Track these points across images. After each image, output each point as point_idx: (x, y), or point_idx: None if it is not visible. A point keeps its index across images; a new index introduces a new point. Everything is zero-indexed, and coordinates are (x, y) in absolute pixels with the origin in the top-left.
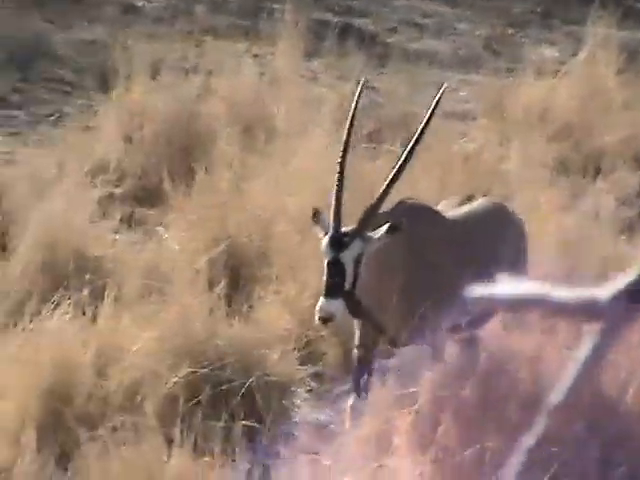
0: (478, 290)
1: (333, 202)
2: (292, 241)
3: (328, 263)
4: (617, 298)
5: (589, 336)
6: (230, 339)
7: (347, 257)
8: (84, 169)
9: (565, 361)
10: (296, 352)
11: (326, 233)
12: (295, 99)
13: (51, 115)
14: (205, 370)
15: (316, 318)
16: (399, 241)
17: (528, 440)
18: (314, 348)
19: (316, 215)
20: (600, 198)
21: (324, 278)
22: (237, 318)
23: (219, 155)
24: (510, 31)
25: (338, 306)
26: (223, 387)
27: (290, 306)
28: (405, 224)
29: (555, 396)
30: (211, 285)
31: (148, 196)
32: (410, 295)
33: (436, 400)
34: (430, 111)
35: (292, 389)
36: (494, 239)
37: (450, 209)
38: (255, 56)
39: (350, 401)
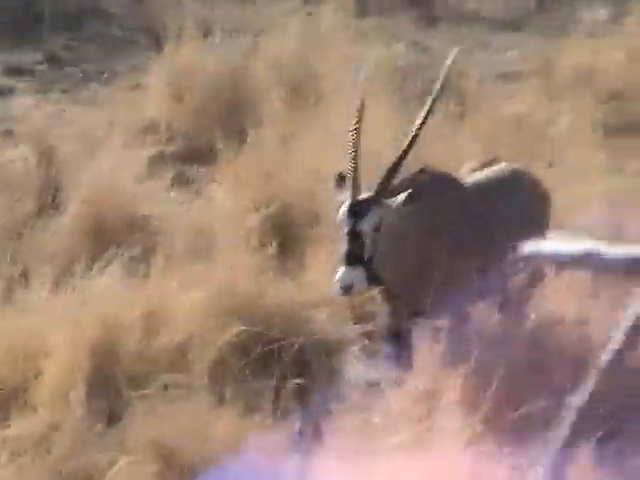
0: (531, 246)
1: (350, 169)
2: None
3: (347, 232)
4: None
5: (636, 299)
6: (280, 299)
7: (365, 225)
8: (134, 128)
9: (611, 324)
10: (348, 311)
11: (343, 202)
12: (343, 60)
13: (102, 73)
14: (255, 329)
15: (335, 288)
16: (418, 210)
17: (576, 400)
18: (365, 308)
19: (341, 180)
20: None
21: (342, 246)
22: (288, 278)
23: (268, 115)
24: None
25: (358, 275)
26: (273, 346)
27: None
28: (424, 193)
29: (603, 357)
30: (261, 245)
31: (198, 155)
32: (429, 265)
33: (486, 361)
34: (442, 75)
35: (342, 348)
36: (513, 205)
37: (470, 175)
38: (307, 14)
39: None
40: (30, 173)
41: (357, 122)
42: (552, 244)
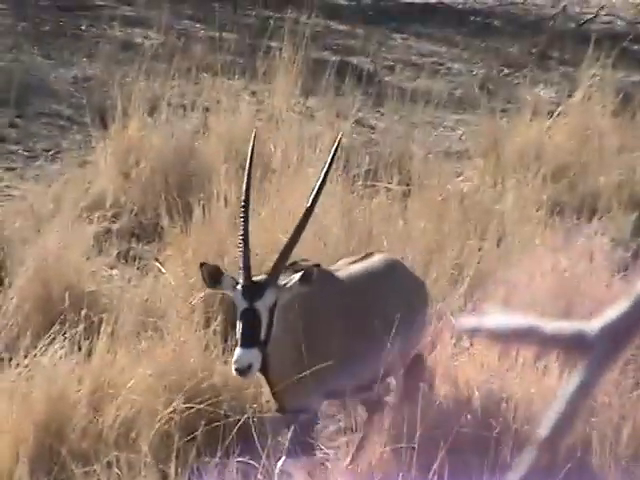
0: (470, 321)
1: (241, 251)
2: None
3: (243, 312)
4: (605, 331)
5: (576, 370)
6: (226, 375)
7: (261, 306)
8: (81, 204)
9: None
10: None
11: (236, 283)
12: (291, 137)
13: (48, 150)
14: (200, 406)
15: (233, 369)
16: (300, 299)
17: (517, 472)
18: None
19: (213, 275)
20: (594, 239)
21: (238, 328)
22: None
23: (216, 192)
24: (506, 71)
25: (255, 356)
26: (218, 423)
27: None
28: (317, 273)
29: (542, 430)
30: (207, 321)
31: (145, 232)
32: (299, 357)
33: (432, 436)
34: (328, 162)
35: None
36: (386, 298)
37: (345, 268)
38: (252, 93)
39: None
40: None
41: (245, 207)
42: (494, 319)
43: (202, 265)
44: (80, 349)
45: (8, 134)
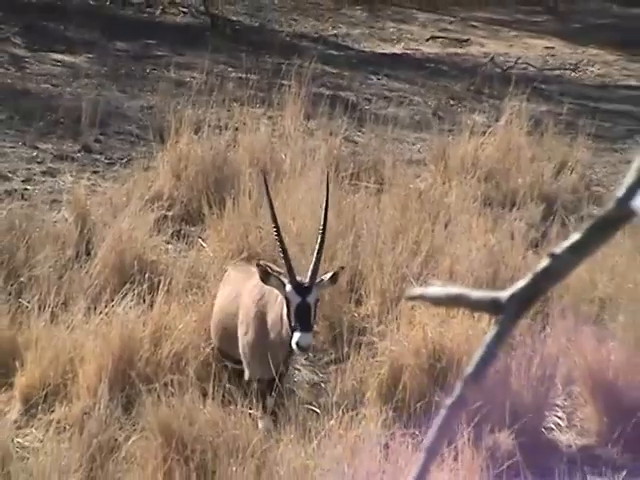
0: (417, 290)
1: (285, 259)
2: (294, 250)
3: (297, 305)
4: (513, 298)
5: (493, 325)
6: None
7: (311, 300)
8: (145, 198)
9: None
10: None
11: (283, 282)
12: (297, 149)
13: (122, 159)
14: None
15: (295, 348)
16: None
17: (449, 399)
18: None
19: (263, 274)
20: (514, 224)
21: (296, 317)
22: None
23: (242, 188)
24: (451, 102)
25: (311, 337)
26: None
27: None
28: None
29: (468, 368)
30: None
31: (191, 217)
32: None
33: (397, 367)
34: (325, 205)
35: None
36: None
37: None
38: (269, 118)
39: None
40: (70, 230)
41: (276, 227)
42: (435, 288)
43: (258, 265)
44: (145, 302)
45: (94, 147)
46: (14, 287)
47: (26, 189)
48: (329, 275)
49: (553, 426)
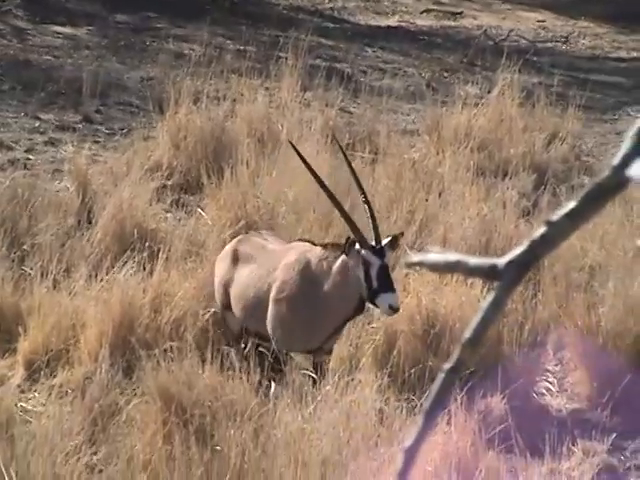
0: (416, 256)
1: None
2: (290, 218)
3: (379, 267)
4: (510, 264)
5: (491, 292)
6: None
7: (387, 261)
8: (145, 167)
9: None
10: None
11: (363, 247)
12: (294, 120)
13: (123, 129)
14: None
15: (388, 310)
16: None
17: (448, 364)
18: None
19: (352, 245)
20: (506, 193)
21: (379, 279)
22: None
23: (240, 158)
24: (445, 74)
25: (399, 297)
26: None
27: None
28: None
29: (466, 333)
30: None
31: (190, 186)
32: None
33: (392, 332)
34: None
35: None
36: None
37: None
38: (266, 89)
39: None
40: (71, 199)
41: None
42: (433, 255)
43: (348, 239)
44: (145, 269)
45: (94, 117)
46: (17, 255)
47: (28, 159)
48: (388, 240)
49: (544, 391)
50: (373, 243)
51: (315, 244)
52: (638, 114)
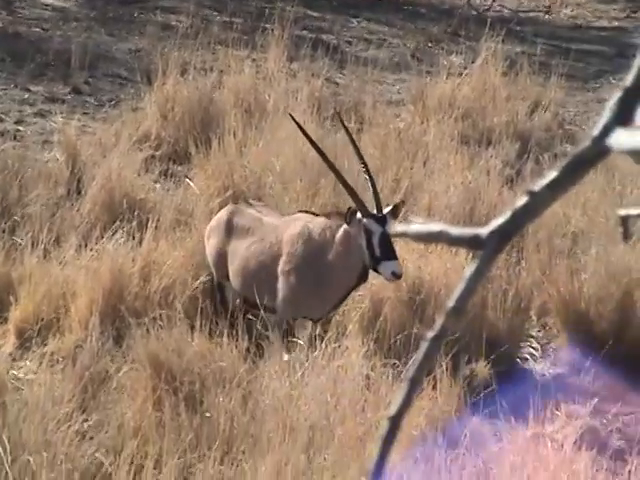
0: (399, 227)
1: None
2: (277, 188)
3: (381, 235)
4: (493, 234)
5: (473, 260)
6: None
7: (388, 229)
8: (133, 138)
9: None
10: None
11: (364, 215)
12: (280, 90)
13: (111, 100)
14: None
15: (390, 276)
16: None
17: (431, 332)
18: None
19: (353, 214)
20: (490, 161)
21: (381, 247)
22: None
23: (227, 128)
24: (429, 45)
25: (401, 265)
26: None
27: None
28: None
29: (449, 302)
30: None
31: (178, 157)
32: None
33: (377, 300)
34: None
35: None
36: None
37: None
38: (253, 60)
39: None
40: (61, 169)
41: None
42: (416, 225)
43: (349, 209)
44: (134, 238)
45: (83, 88)
46: (8, 225)
47: (18, 130)
48: (389, 208)
49: (528, 356)
50: (375, 211)
51: (317, 215)
52: (620, 82)
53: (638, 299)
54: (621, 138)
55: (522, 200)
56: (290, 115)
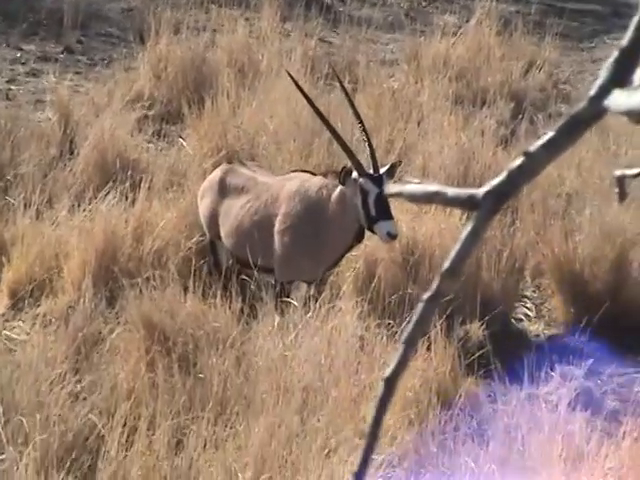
0: (395, 187)
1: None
2: (271, 149)
3: (377, 195)
4: (489, 194)
5: (469, 221)
6: None
7: (384, 190)
8: (126, 98)
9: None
10: None
11: (361, 175)
12: (273, 50)
13: (104, 59)
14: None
15: (386, 236)
16: None
17: (427, 294)
18: None
19: (348, 174)
20: (485, 121)
21: (376, 207)
22: None
23: (221, 89)
24: (423, 4)
25: (396, 225)
26: None
27: None
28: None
29: (445, 263)
30: None
31: (171, 117)
32: None
33: (370, 261)
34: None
35: None
36: None
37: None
38: (246, 19)
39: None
40: (53, 129)
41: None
42: (412, 186)
43: (344, 168)
44: (127, 199)
45: (76, 48)
46: (0, 185)
47: (10, 89)
48: (386, 168)
49: (522, 317)
50: (371, 171)
51: (314, 174)
52: (614, 42)
53: (633, 259)
54: (618, 99)
55: (518, 161)
56: (287, 72)
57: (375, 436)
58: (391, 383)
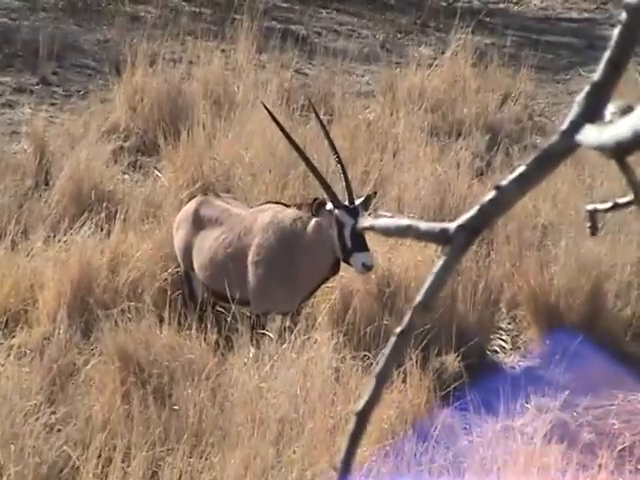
0: (368, 220)
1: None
2: (247, 180)
3: (352, 227)
4: (461, 228)
5: (441, 255)
6: None
7: (359, 222)
8: (102, 129)
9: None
10: None
11: (336, 206)
12: (249, 81)
13: (79, 91)
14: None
15: (361, 268)
16: None
17: (399, 327)
18: None
19: (320, 206)
20: (460, 153)
21: (352, 239)
22: None
23: (197, 120)
24: (399, 36)
25: (372, 256)
26: None
27: None
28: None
29: (417, 297)
30: None
31: (147, 148)
32: None
33: (346, 292)
34: (325, 132)
35: None
36: None
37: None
38: (222, 51)
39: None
40: (29, 160)
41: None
42: (385, 220)
43: (315, 199)
44: (102, 230)
45: (52, 79)
46: None
47: None
48: (362, 199)
49: (498, 348)
50: (347, 203)
51: (287, 205)
52: (590, 74)
53: (607, 291)
54: (589, 134)
55: (489, 195)
56: (262, 103)
57: (348, 469)
58: (363, 417)
